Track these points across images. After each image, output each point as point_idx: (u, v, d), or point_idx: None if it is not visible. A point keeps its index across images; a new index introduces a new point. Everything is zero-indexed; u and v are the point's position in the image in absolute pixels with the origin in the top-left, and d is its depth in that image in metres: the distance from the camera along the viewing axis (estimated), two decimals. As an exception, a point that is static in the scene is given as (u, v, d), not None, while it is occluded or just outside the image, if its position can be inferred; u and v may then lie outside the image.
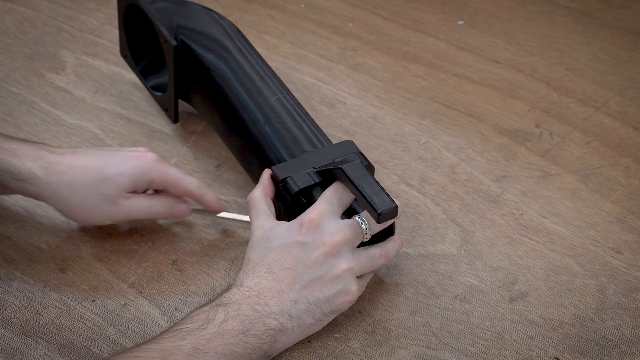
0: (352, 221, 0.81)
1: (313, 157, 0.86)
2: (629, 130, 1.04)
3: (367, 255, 0.81)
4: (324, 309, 0.79)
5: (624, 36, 1.17)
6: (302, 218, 0.80)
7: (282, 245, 0.79)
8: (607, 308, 0.86)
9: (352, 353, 0.82)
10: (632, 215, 0.94)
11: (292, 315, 0.77)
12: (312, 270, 0.78)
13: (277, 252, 0.79)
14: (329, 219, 0.80)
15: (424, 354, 0.82)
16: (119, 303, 0.85)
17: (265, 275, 0.78)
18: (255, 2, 1.21)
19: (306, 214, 0.80)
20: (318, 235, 0.79)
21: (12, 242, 0.90)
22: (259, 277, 0.78)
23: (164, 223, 0.92)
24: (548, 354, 0.82)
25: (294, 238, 0.79)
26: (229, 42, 0.96)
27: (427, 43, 1.16)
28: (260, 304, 0.76)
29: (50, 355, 0.81)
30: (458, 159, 1.00)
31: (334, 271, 0.79)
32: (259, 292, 0.77)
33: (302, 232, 0.79)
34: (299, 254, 0.78)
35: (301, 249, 0.79)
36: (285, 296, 0.77)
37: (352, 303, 0.80)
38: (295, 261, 0.78)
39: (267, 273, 0.78)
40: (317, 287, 0.78)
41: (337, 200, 0.81)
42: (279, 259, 0.78)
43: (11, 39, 1.14)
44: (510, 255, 0.90)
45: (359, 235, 0.81)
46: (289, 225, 0.80)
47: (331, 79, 1.10)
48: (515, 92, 1.09)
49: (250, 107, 0.91)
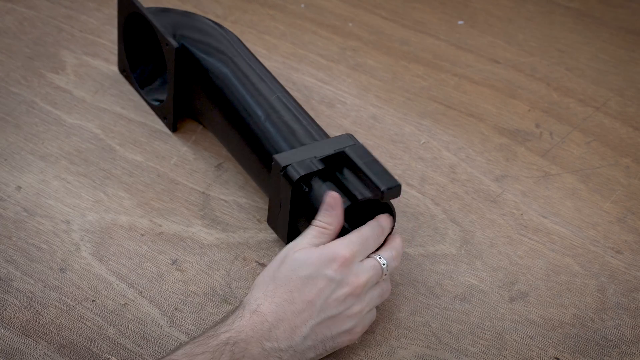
0: (374, 262, 0.79)
1: (315, 148, 0.85)
2: (629, 130, 1.04)
3: (379, 293, 0.81)
4: (327, 346, 0.78)
5: (624, 36, 1.17)
6: (335, 252, 0.78)
7: (310, 276, 0.77)
8: (607, 308, 0.86)
9: (352, 353, 0.82)
10: (632, 215, 0.94)
11: (297, 351, 0.76)
12: (330, 308, 0.77)
13: (303, 282, 0.76)
14: (358, 259, 0.79)
15: (424, 354, 0.82)
16: (119, 303, 0.85)
17: (285, 304, 0.76)
18: (255, 2, 1.21)
19: (339, 249, 0.78)
20: (346, 274, 0.77)
21: (12, 242, 0.90)
22: (278, 305, 0.76)
23: (163, 223, 0.92)
24: (548, 354, 0.82)
25: (323, 271, 0.77)
26: (230, 48, 0.96)
27: (427, 43, 1.16)
28: (271, 339, 0.74)
29: (50, 355, 0.81)
30: (458, 159, 1.00)
31: (348, 312, 0.78)
32: (272, 324, 0.75)
33: (333, 267, 0.77)
34: (324, 290, 0.77)
35: (327, 284, 0.77)
36: (297, 332, 0.76)
37: (352, 342, 0.80)
38: (318, 295, 0.76)
39: (287, 302, 0.76)
40: (328, 325, 0.77)
41: (372, 245, 0.80)
42: (303, 290, 0.76)
43: (11, 39, 1.14)
44: (510, 255, 0.90)
45: (378, 277, 0.80)
46: (320, 256, 0.78)
47: (331, 79, 1.10)
48: (515, 92, 1.09)
49: (250, 105, 0.91)
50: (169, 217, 0.93)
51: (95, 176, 0.97)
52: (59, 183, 0.96)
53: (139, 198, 0.95)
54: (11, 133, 1.00)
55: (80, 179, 0.96)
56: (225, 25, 1.17)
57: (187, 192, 0.96)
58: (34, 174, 0.96)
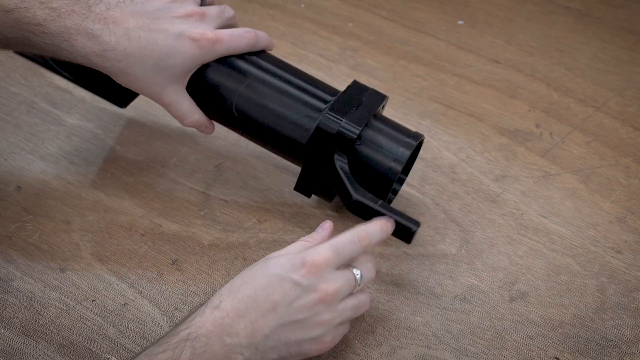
0: (348, 273, 0.78)
1: None
2: (629, 130, 1.04)
3: (353, 305, 0.79)
4: (291, 350, 0.76)
5: (624, 36, 1.17)
6: (306, 257, 0.76)
7: (277, 276, 0.75)
8: (607, 308, 0.86)
9: (352, 353, 0.82)
10: (632, 215, 0.94)
11: (259, 349, 0.74)
12: (295, 312, 0.75)
13: (269, 280, 0.75)
14: (330, 268, 0.77)
15: (424, 354, 0.82)
16: (119, 303, 0.85)
17: (247, 300, 0.74)
18: (255, 2, 1.21)
19: (312, 255, 0.77)
20: (315, 281, 0.76)
21: (12, 242, 0.90)
22: (239, 301, 0.74)
23: (163, 223, 0.92)
24: (548, 354, 0.82)
25: (290, 275, 0.75)
26: None
27: (427, 43, 1.16)
28: (231, 334, 0.73)
29: (50, 355, 0.81)
30: (458, 159, 1.00)
31: (316, 319, 0.76)
32: (233, 320, 0.73)
33: (301, 272, 0.75)
34: (289, 292, 0.75)
35: (293, 288, 0.75)
36: (258, 329, 0.74)
37: (322, 352, 0.78)
38: (283, 298, 0.75)
39: (249, 299, 0.74)
40: (293, 329, 0.75)
41: (347, 255, 0.78)
42: (267, 288, 0.75)
43: (11, 39, 1.14)
44: (510, 255, 0.90)
45: (351, 288, 0.79)
46: (291, 259, 0.76)
47: (331, 79, 1.10)
48: (515, 92, 1.09)
49: None
50: (169, 217, 0.93)
51: (95, 176, 0.97)
52: (59, 183, 0.96)
53: (139, 198, 0.95)
54: (11, 133, 1.00)
55: (80, 179, 0.96)
56: (225, 25, 1.18)
57: (187, 192, 0.96)
58: (34, 174, 0.96)
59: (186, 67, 0.84)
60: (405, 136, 0.86)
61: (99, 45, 0.81)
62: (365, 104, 0.86)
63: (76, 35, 0.81)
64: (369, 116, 0.85)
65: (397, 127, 0.87)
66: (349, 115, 0.84)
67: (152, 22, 0.83)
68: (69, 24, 0.81)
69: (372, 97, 0.87)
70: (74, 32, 0.81)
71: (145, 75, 0.83)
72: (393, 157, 0.84)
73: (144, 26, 0.82)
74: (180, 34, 0.83)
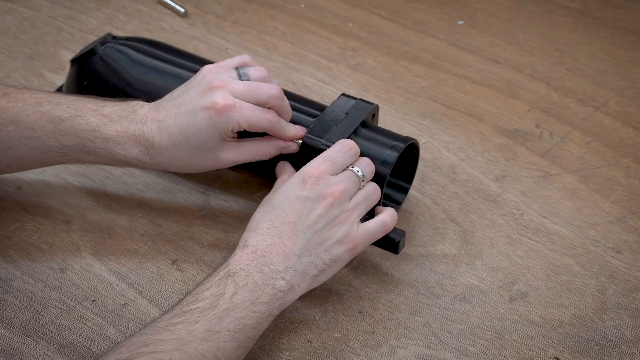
0: (348, 172, 0.83)
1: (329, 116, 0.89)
2: (629, 130, 1.04)
3: (362, 196, 0.83)
4: (325, 259, 0.80)
5: (624, 36, 1.17)
6: (303, 174, 0.82)
7: (285, 201, 0.81)
8: (607, 308, 0.86)
9: (352, 353, 0.82)
10: (632, 215, 0.94)
11: (297, 270, 0.79)
12: (314, 223, 0.80)
13: (279, 209, 0.80)
14: (328, 174, 0.82)
15: (424, 354, 0.82)
16: (119, 303, 0.85)
17: (268, 230, 0.79)
18: (255, 2, 1.21)
19: (308, 170, 0.82)
20: (319, 189, 0.81)
21: (12, 242, 0.90)
22: (262, 234, 0.79)
23: (163, 223, 0.92)
24: (548, 354, 0.82)
25: (296, 193, 0.81)
26: None
27: (427, 43, 1.16)
28: (267, 263, 0.78)
29: (50, 355, 0.81)
30: (458, 159, 1.00)
31: (335, 221, 0.81)
32: (264, 251, 0.78)
33: (306, 188, 0.81)
34: (302, 208, 0.80)
35: (303, 203, 0.80)
36: (289, 251, 0.79)
37: (353, 251, 0.82)
38: (298, 215, 0.80)
39: (269, 229, 0.80)
40: (318, 239, 0.80)
41: (340, 162, 0.83)
42: (281, 214, 0.80)
43: (11, 39, 1.14)
44: (510, 255, 0.90)
45: (356, 184, 0.83)
46: (290, 182, 0.82)
47: (331, 79, 1.10)
48: (515, 92, 1.09)
49: None
50: (169, 217, 0.93)
51: (95, 176, 0.97)
52: (59, 183, 0.96)
53: (139, 198, 0.95)
54: (11, 133, 1.00)
55: (80, 179, 0.96)
56: (225, 25, 1.18)
57: (187, 192, 0.96)
58: (34, 174, 0.96)
59: (215, 136, 0.84)
60: (394, 140, 0.87)
61: (142, 144, 0.84)
62: (351, 116, 0.89)
63: (125, 138, 0.84)
64: (351, 129, 0.87)
65: (387, 133, 0.89)
66: (329, 134, 0.87)
67: (178, 106, 0.85)
68: (119, 127, 0.84)
69: (358, 109, 0.90)
70: (124, 134, 0.84)
71: (189, 156, 0.85)
72: (380, 160, 0.85)
73: (170, 114, 0.85)
74: (194, 109, 0.84)
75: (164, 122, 0.84)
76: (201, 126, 0.83)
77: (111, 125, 0.85)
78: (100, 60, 0.95)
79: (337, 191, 0.81)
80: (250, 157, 0.87)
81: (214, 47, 1.13)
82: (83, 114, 0.85)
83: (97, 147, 0.85)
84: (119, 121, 0.85)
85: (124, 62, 0.94)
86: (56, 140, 0.85)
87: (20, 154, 0.85)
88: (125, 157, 0.85)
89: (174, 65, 0.94)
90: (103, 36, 0.98)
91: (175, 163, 0.85)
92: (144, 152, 0.84)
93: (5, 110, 0.85)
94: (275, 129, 0.86)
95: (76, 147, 0.85)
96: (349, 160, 0.84)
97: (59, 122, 0.84)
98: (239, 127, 0.84)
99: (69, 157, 0.86)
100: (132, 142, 0.84)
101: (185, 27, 1.17)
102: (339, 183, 0.82)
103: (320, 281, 0.81)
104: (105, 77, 0.94)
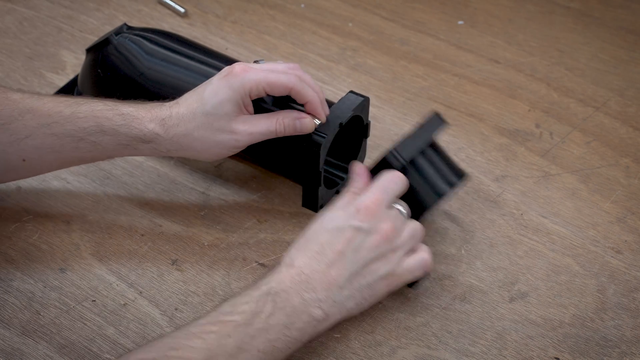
0: (394, 210, 0.82)
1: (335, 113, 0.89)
2: (629, 130, 1.04)
3: (409, 234, 0.82)
4: (365, 294, 0.80)
5: (624, 36, 1.17)
6: (358, 203, 0.81)
7: (337, 228, 0.80)
8: (607, 308, 0.86)
9: (352, 353, 0.82)
10: (632, 215, 0.94)
11: (336, 301, 0.78)
12: (363, 256, 0.79)
13: (331, 234, 0.79)
14: (382, 208, 0.81)
15: (424, 354, 0.82)
16: (119, 303, 0.85)
17: (317, 256, 0.78)
18: (255, 2, 1.21)
19: (363, 200, 0.81)
20: (373, 222, 0.80)
21: (12, 242, 0.90)
22: (310, 258, 0.78)
23: (163, 223, 0.92)
24: (548, 354, 0.82)
25: (349, 222, 0.80)
26: None
27: (427, 43, 1.16)
28: (309, 290, 0.77)
29: (50, 355, 0.81)
30: (458, 159, 1.00)
31: (383, 257, 0.80)
32: (309, 276, 0.77)
33: (359, 218, 0.80)
34: (353, 239, 0.79)
35: (355, 234, 0.79)
36: (333, 282, 0.78)
37: (391, 287, 0.81)
38: (348, 246, 0.79)
39: (318, 254, 0.78)
40: (364, 273, 0.79)
41: (393, 193, 0.83)
42: (332, 241, 0.79)
43: (11, 39, 1.14)
44: (510, 255, 0.90)
45: (402, 222, 0.82)
46: (345, 209, 0.81)
47: (331, 79, 1.10)
48: (515, 92, 1.09)
49: None
50: (169, 217, 0.93)
51: (95, 176, 0.97)
52: (59, 183, 0.96)
53: (139, 198, 0.95)
54: (11, 133, 1.00)
55: (80, 179, 0.96)
56: (225, 25, 1.18)
57: (187, 192, 0.96)
58: (34, 174, 0.96)
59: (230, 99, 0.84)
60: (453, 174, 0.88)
61: (159, 116, 0.85)
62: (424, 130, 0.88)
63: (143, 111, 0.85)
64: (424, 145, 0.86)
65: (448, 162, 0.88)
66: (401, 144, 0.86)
67: (197, 87, 0.86)
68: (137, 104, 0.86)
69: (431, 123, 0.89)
70: (142, 109, 0.85)
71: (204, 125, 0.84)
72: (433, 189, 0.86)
73: (189, 92, 0.86)
74: (211, 80, 0.85)
75: (183, 97, 0.86)
76: (217, 89, 0.83)
77: (129, 104, 0.86)
78: (115, 50, 0.96)
79: (390, 228, 0.80)
80: (265, 128, 0.85)
81: (214, 47, 1.13)
82: (99, 100, 0.86)
83: (115, 125, 0.84)
84: (137, 103, 0.86)
85: (137, 52, 0.95)
86: (74, 124, 0.84)
87: (37, 143, 0.85)
88: (142, 131, 0.84)
89: (186, 57, 0.94)
90: (118, 26, 0.98)
91: (191, 133, 0.84)
92: (160, 124, 0.84)
93: (21, 101, 0.85)
94: (297, 87, 0.84)
95: (93, 128, 0.84)
96: (400, 189, 0.83)
97: (76, 107, 0.85)
98: (256, 87, 0.83)
99: (86, 141, 0.85)
100: (149, 116, 0.84)
101: (185, 27, 1.17)
102: (389, 218, 0.81)
103: (354, 314, 0.81)
104: (119, 67, 0.95)
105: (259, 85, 0.84)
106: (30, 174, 0.90)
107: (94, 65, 0.97)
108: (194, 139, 0.84)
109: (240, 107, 0.84)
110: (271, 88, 0.84)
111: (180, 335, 0.72)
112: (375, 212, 0.80)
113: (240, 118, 0.84)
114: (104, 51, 0.96)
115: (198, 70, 0.92)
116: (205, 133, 0.84)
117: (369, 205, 0.80)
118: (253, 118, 0.85)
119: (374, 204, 0.80)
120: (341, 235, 0.79)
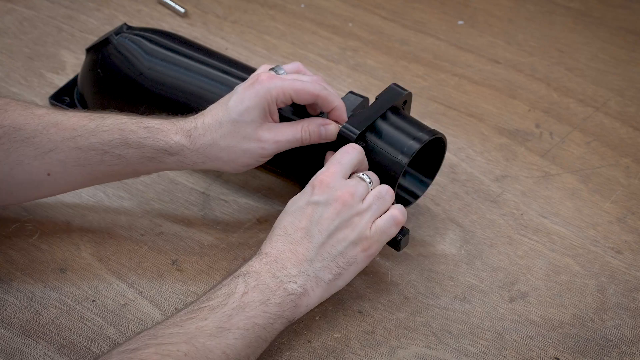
0: (356, 178, 0.83)
1: None
2: (629, 130, 1.04)
3: (375, 196, 0.83)
4: (340, 262, 0.80)
5: (624, 36, 1.17)
6: (313, 180, 0.82)
7: (297, 208, 0.81)
8: (607, 308, 0.86)
9: (352, 353, 0.82)
10: (632, 215, 0.94)
11: (310, 275, 0.79)
12: (325, 227, 0.80)
13: (292, 215, 0.81)
14: (337, 178, 0.82)
15: (424, 354, 0.82)
16: (119, 303, 0.85)
17: (281, 238, 0.80)
18: (255, 2, 1.21)
19: (317, 176, 0.82)
20: (329, 193, 0.81)
21: (12, 242, 0.90)
22: (275, 241, 0.80)
23: (163, 223, 0.92)
24: (548, 354, 0.82)
25: (306, 199, 0.81)
26: None
27: (427, 43, 1.16)
28: (279, 268, 0.78)
29: (50, 355, 0.81)
30: (458, 159, 1.00)
31: (345, 224, 0.81)
32: (276, 257, 0.79)
33: (315, 193, 0.81)
34: (313, 214, 0.81)
35: (314, 208, 0.81)
36: (301, 256, 0.79)
37: (368, 251, 0.82)
38: (309, 220, 0.80)
39: (282, 236, 0.80)
40: (331, 242, 0.80)
41: (348, 162, 0.84)
42: (294, 221, 0.81)
43: (11, 39, 1.14)
44: (510, 255, 0.90)
45: (365, 188, 0.83)
46: (303, 190, 0.83)
47: (331, 79, 1.10)
48: (515, 92, 1.09)
49: None
50: (169, 217, 0.93)
51: (95, 176, 0.97)
52: (59, 183, 0.96)
53: (139, 198, 0.95)
54: (11, 133, 1.00)
55: (80, 179, 0.96)
56: (225, 25, 1.18)
57: (187, 192, 0.96)
58: (34, 174, 0.96)
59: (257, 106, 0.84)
60: (420, 131, 0.87)
61: (185, 128, 0.84)
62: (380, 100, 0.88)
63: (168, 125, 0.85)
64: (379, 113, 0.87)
65: (415, 123, 0.88)
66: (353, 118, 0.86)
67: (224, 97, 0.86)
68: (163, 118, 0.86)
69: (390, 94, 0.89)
70: (167, 122, 0.85)
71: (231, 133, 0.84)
72: (400, 149, 0.85)
73: (216, 102, 0.86)
74: (237, 90, 0.85)
75: (207, 109, 0.86)
76: (243, 97, 0.84)
77: (154, 118, 0.86)
78: (114, 50, 0.96)
79: (346, 193, 0.81)
80: (291, 136, 0.85)
81: (214, 47, 1.13)
82: (124, 114, 0.86)
83: (140, 137, 0.84)
84: (161, 117, 0.86)
85: (137, 52, 0.95)
86: (98, 137, 0.84)
87: (62, 157, 0.84)
88: (167, 143, 0.84)
89: (186, 58, 0.94)
90: (118, 26, 0.98)
91: (217, 143, 0.84)
92: (185, 135, 0.84)
93: (46, 115, 0.85)
94: (323, 94, 0.85)
95: (118, 141, 0.84)
96: (355, 158, 0.84)
97: (100, 120, 0.85)
98: (283, 94, 0.84)
99: (110, 154, 0.84)
100: (174, 128, 0.85)
101: (185, 27, 1.17)
102: (346, 186, 0.82)
103: (339, 286, 0.81)
104: (119, 67, 0.95)
105: (286, 92, 0.84)
106: (55, 191, 0.88)
107: (93, 65, 0.97)
108: (220, 148, 0.84)
109: (266, 115, 0.84)
110: (298, 95, 0.84)
111: (160, 327, 0.74)
112: (330, 183, 0.82)
113: (265, 126, 0.85)
114: (103, 51, 0.96)
115: (198, 71, 0.93)
116: (231, 142, 0.84)
117: (323, 179, 0.82)
118: (278, 126, 0.85)
119: (328, 177, 0.82)
120: (301, 213, 0.81)
